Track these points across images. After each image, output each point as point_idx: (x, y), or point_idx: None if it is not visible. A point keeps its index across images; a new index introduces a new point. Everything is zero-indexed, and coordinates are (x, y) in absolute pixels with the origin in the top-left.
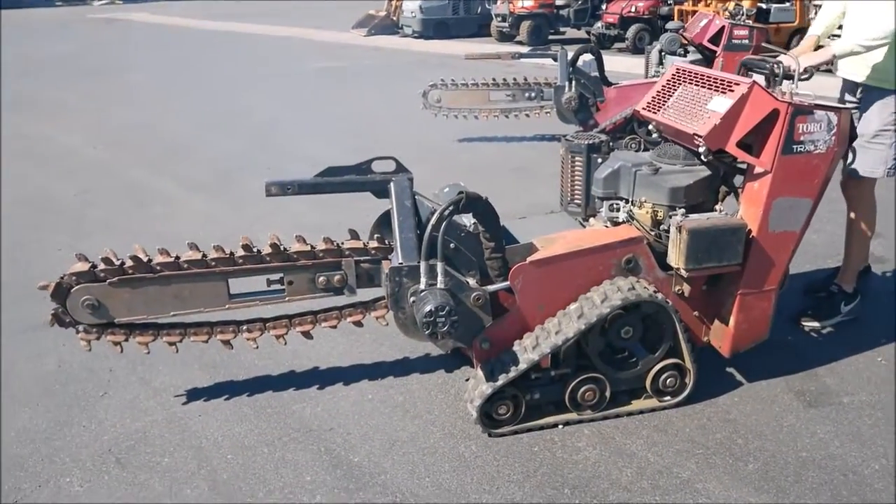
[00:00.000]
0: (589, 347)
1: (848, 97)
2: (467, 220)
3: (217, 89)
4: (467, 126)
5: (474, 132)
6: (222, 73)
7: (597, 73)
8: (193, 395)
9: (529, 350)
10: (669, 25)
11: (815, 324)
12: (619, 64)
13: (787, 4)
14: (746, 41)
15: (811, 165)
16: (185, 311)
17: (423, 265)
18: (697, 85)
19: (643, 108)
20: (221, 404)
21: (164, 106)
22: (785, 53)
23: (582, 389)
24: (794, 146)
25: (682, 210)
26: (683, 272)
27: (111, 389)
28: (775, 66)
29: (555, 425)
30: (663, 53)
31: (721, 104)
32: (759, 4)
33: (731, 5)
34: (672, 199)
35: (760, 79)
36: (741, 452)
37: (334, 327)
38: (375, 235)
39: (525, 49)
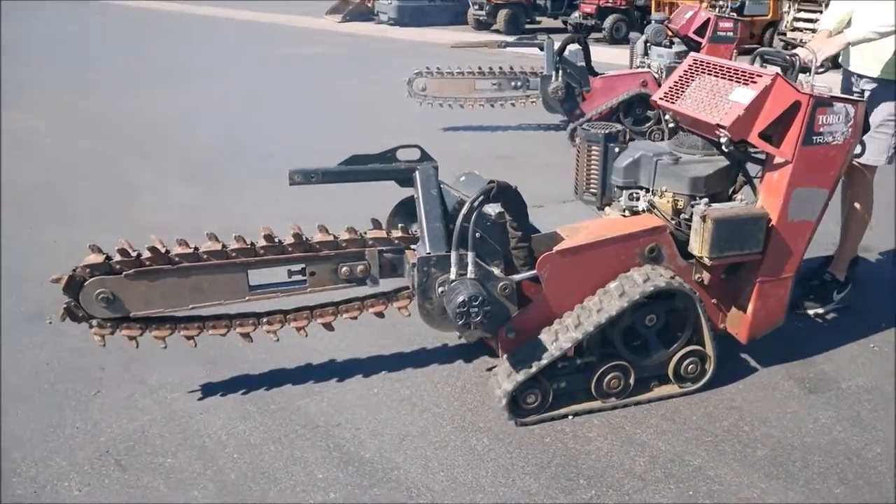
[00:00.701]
0: (616, 333)
1: (853, 89)
2: (491, 209)
3: (193, 75)
4: (452, 115)
5: (459, 121)
6: (197, 59)
7: (583, 63)
8: (192, 392)
9: (572, 329)
10: (655, 17)
11: (820, 309)
12: (597, 54)
13: None
14: (731, 33)
15: (829, 156)
16: (204, 304)
17: (453, 255)
18: (716, 76)
19: (660, 98)
20: (222, 401)
21: (139, 93)
22: (803, 46)
23: (608, 377)
24: (814, 137)
25: (705, 199)
26: (707, 260)
27: (104, 388)
28: (793, 58)
29: (581, 413)
30: (649, 44)
31: (744, 95)
32: None
33: None
34: (693, 189)
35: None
36: (749, 439)
37: (355, 318)
38: (400, 224)
39: (509, 38)
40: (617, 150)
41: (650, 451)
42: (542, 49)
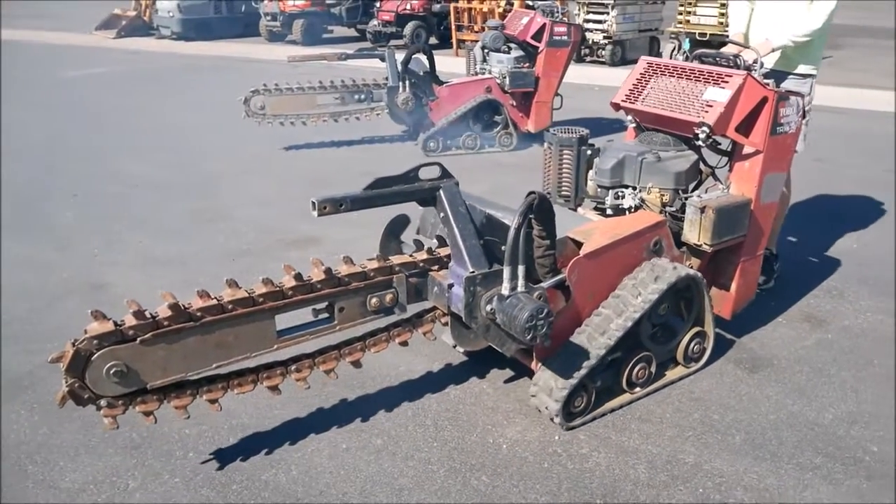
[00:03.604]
0: (641, 327)
1: None
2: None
3: None
4: (295, 133)
5: (300, 138)
6: None
7: (425, 73)
8: (125, 488)
9: (600, 334)
10: (490, 23)
11: (770, 283)
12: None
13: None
14: (566, 37)
15: (787, 143)
16: (230, 360)
17: (506, 271)
18: (677, 77)
19: (622, 101)
20: (171, 492)
21: None
22: (749, 48)
23: (636, 369)
24: (778, 128)
25: (697, 192)
26: (707, 247)
27: None
28: (737, 59)
29: (621, 406)
30: (486, 51)
31: (719, 94)
32: (527, 2)
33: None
34: (677, 183)
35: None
36: (723, 427)
37: (380, 351)
38: (426, 246)
39: (349, 50)
40: (589, 153)
41: (646, 457)
42: (383, 60)
